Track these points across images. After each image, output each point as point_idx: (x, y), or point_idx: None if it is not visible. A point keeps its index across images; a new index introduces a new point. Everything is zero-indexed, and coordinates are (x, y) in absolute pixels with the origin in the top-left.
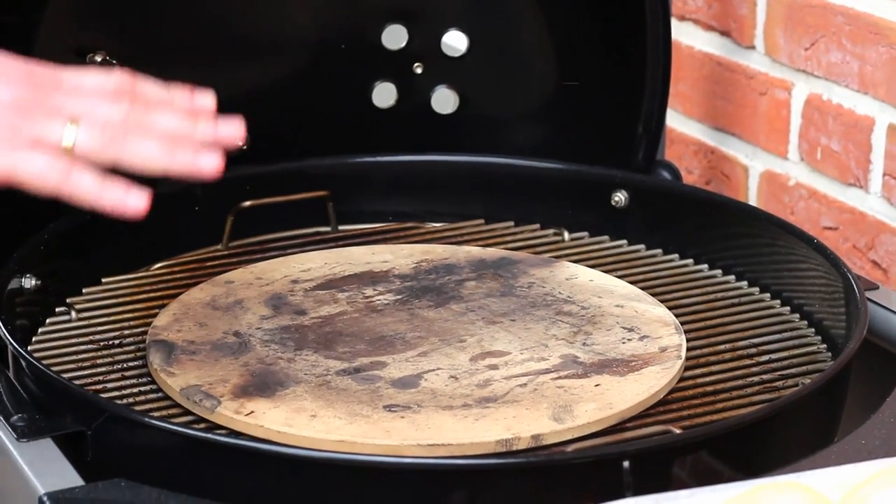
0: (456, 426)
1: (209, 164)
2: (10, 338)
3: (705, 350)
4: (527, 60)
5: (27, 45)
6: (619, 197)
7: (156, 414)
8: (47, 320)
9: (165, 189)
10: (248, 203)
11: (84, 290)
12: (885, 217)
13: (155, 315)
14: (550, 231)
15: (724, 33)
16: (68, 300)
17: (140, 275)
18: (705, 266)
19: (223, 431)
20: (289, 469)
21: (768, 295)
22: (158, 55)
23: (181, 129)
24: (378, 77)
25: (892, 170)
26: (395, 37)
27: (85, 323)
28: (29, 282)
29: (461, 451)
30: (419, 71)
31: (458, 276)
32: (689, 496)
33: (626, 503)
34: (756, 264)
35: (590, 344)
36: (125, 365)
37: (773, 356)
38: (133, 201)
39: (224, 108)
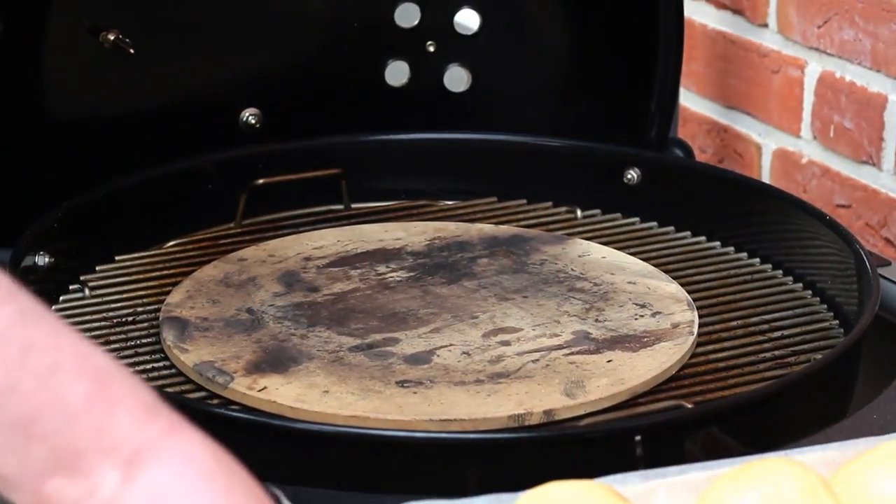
0: (468, 402)
1: None
2: None
3: (717, 326)
4: (539, 38)
5: (39, 22)
6: (632, 174)
7: (169, 390)
8: (61, 298)
9: None
10: (261, 181)
11: (97, 268)
12: None
13: (168, 292)
14: (563, 208)
15: (737, 11)
16: (82, 278)
17: (153, 252)
18: (718, 243)
19: (236, 407)
20: (302, 444)
21: (780, 271)
22: (171, 34)
23: None
24: (391, 55)
25: None
26: (407, 15)
27: (98, 300)
28: (42, 259)
29: (473, 427)
30: (432, 49)
31: (470, 254)
32: (679, 472)
33: (613, 479)
34: (768, 241)
35: (602, 320)
36: (139, 342)
37: (785, 332)
38: None
39: (236, 86)
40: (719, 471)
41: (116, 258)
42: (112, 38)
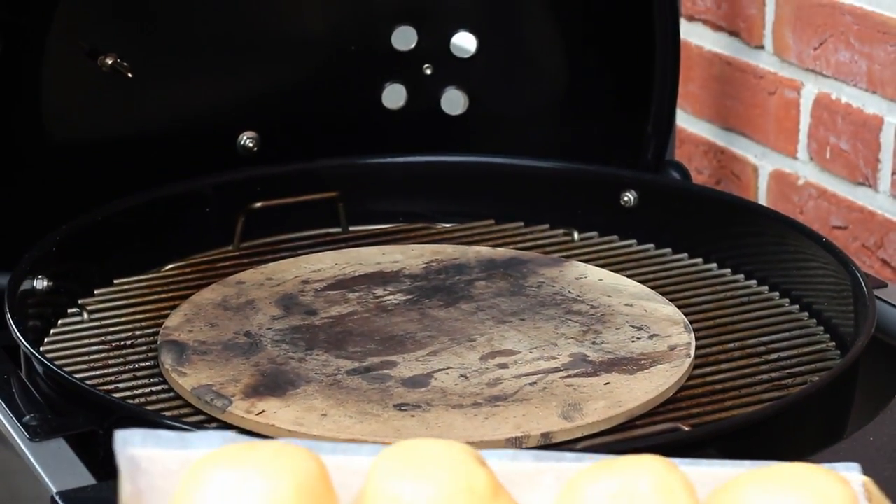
0: (466, 425)
1: None
2: (22, 338)
3: (714, 348)
4: (536, 61)
5: (37, 46)
6: (629, 197)
7: (167, 413)
8: (59, 321)
9: None
10: (258, 204)
11: (96, 292)
12: (894, 216)
13: (166, 316)
14: (560, 231)
15: (733, 33)
16: (80, 301)
17: (151, 276)
18: (714, 265)
19: (235, 431)
20: None
21: (777, 293)
22: (169, 57)
23: None
24: (388, 78)
25: None
26: (404, 38)
27: (97, 324)
28: (41, 283)
29: None
30: (429, 72)
31: (468, 276)
32: (575, 459)
33: (504, 454)
34: (765, 263)
35: (599, 343)
36: (137, 365)
37: (782, 354)
38: None
39: (234, 109)
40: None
41: (115, 281)
42: (110, 61)
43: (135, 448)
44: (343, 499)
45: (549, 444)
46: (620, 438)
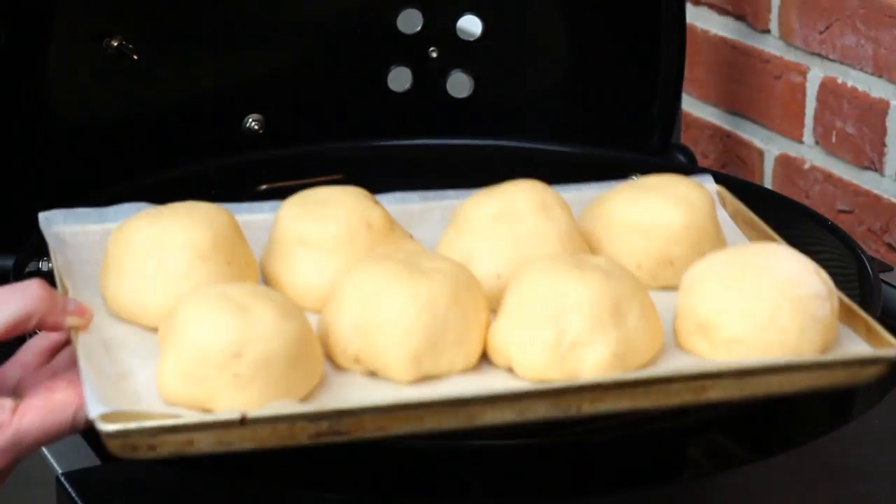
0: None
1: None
2: None
3: None
4: (541, 44)
5: (43, 29)
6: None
7: None
8: None
9: None
10: (264, 186)
11: None
12: None
13: None
14: None
15: (739, 17)
16: None
17: None
18: None
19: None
20: (306, 448)
21: None
22: (175, 40)
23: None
24: (393, 61)
25: None
26: (410, 21)
27: None
28: (46, 265)
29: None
30: (434, 55)
31: None
32: (455, 196)
33: (394, 197)
34: None
35: None
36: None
37: None
38: None
39: (240, 92)
40: None
41: None
42: (115, 44)
43: (58, 226)
44: (254, 251)
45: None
46: (627, 421)
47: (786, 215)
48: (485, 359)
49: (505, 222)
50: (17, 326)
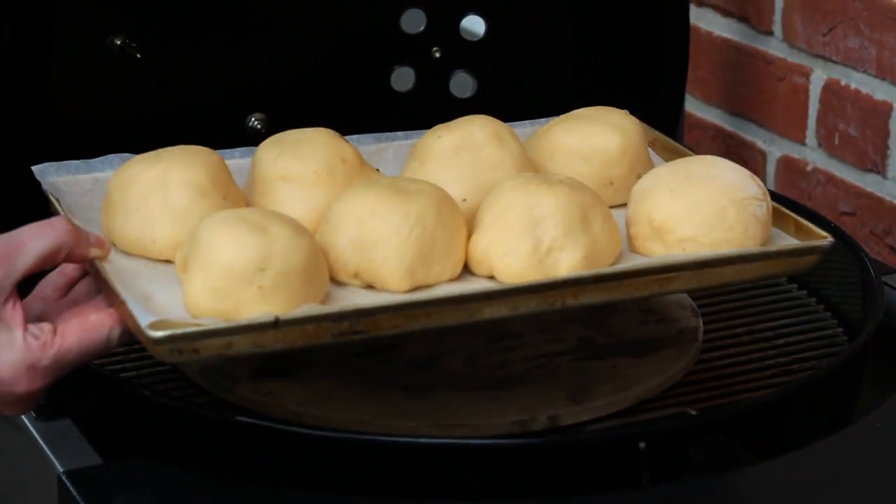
0: (472, 407)
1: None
2: None
3: (722, 333)
4: (544, 45)
5: (47, 27)
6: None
7: (175, 394)
8: None
9: None
10: None
11: None
12: None
13: None
14: None
15: (743, 19)
16: None
17: None
18: None
19: (241, 411)
20: (306, 448)
21: (785, 279)
22: (178, 38)
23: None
24: (396, 61)
25: None
26: (413, 21)
27: None
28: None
29: (477, 432)
30: (437, 55)
31: None
32: (405, 137)
33: (351, 139)
34: None
35: (607, 326)
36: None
37: (790, 339)
38: None
39: (242, 91)
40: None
41: None
42: (119, 42)
43: (52, 177)
44: None
45: (556, 428)
46: (628, 422)
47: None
48: (465, 270)
49: (465, 152)
50: (48, 259)
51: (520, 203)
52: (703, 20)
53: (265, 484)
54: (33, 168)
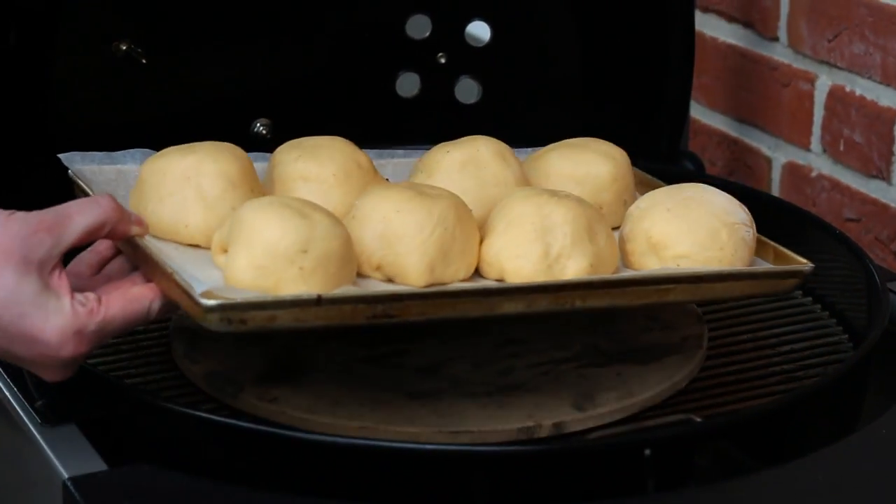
0: (478, 413)
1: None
2: None
3: (727, 340)
4: (550, 51)
5: (52, 32)
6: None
7: (180, 400)
8: None
9: None
10: None
11: None
12: None
13: None
14: None
15: (748, 25)
16: None
17: None
18: None
19: (246, 418)
20: (311, 455)
21: None
22: (183, 44)
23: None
24: (402, 67)
25: None
26: (419, 27)
27: None
28: None
29: (483, 439)
30: (443, 61)
31: None
32: (404, 155)
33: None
34: None
35: (612, 332)
36: (149, 351)
37: (795, 346)
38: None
39: (248, 96)
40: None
41: None
42: (124, 47)
43: (77, 164)
44: None
45: (561, 435)
46: (632, 429)
47: (793, 224)
48: (475, 273)
49: (471, 167)
50: (93, 233)
51: (533, 212)
52: (708, 26)
53: (270, 490)
54: (60, 155)
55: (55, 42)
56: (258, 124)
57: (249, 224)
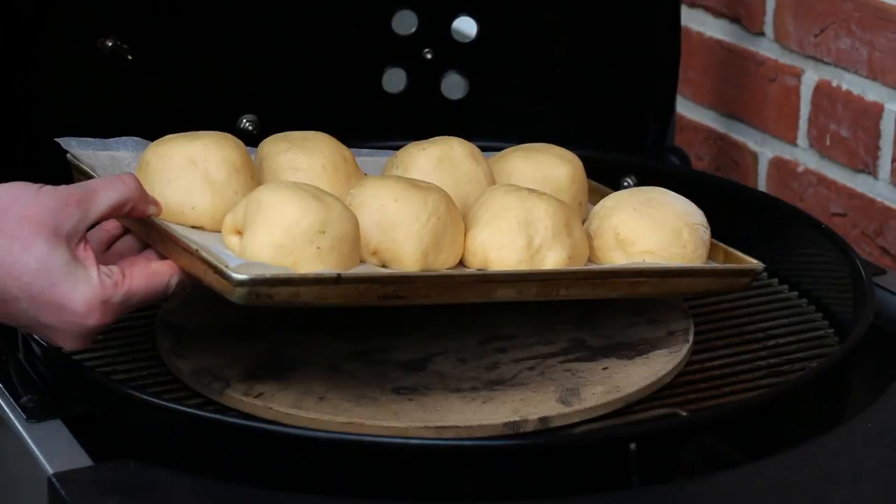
0: (464, 408)
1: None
2: None
3: (713, 334)
4: (536, 46)
5: (37, 29)
6: (629, 182)
7: (166, 396)
8: None
9: None
10: None
11: None
12: (893, 203)
13: None
14: None
15: (734, 20)
16: None
17: None
18: None
19: (232, 413)
20: (297, 450)
21: (776, 280)
22: (169, 40)
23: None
24: (388, 62)
25: None
26: (405, 22)
27: None
28: None
29: (469, 434)
30: (429, 56)
31: None
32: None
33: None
34: (764, 250)
35: (598, 328)
36: (135, 347)
37: (781, 340)
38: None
39: (234, 92)
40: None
41: None
42: (110, 44)
43: (73, 149)
44: None
45: (547, 429)
46: (618, 423)
47: (779, 218)
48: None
49: (446, 164)
50: (117, 209)
51: (516, 206)
52: (695, 21)
53: (256, 485)
54: (58, 139)
55: (41, 38)
56: (244, 120)
57: (269, 204)
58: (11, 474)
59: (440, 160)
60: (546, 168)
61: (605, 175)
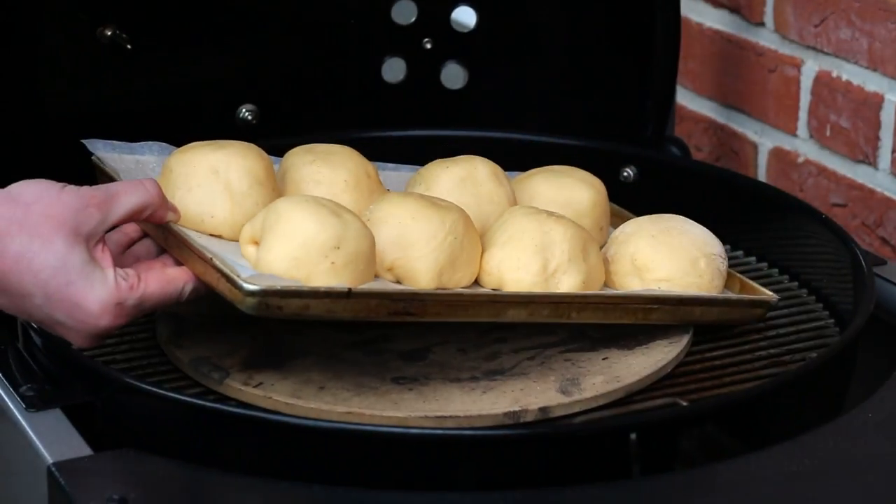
0: (464, 398)
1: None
2: None
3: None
4: (536, 36)
5: (36, 18)
6: (628, 172)
7: (166, 385)
8: None
9: None
10: None
11: None
12: (893, 194)
13: None
14: None
15: (734, 10)
16: None
17: None
18: None
19: (232, 403)
20: (297, 440)
21: (776, 270)
22: (169, 29)
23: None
24: (388, 52)
25: None
26: (404, 12)
27: None
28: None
29: (469, 424)
30: (429, 46)
31: None
32: (394, 168)
33: None
34: (764, 240)
35: None
36: (134, 337)
37: (781, 331)
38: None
39: (233, 82)
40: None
41: None
42: (109, 33)
43: (99, 151)
44: None
45: (547, 419)
46: (618, 413)
47: (779, 209)
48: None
49: (469, 184)
50: (137, 213)
51: (534, 228)
52: (695, 11)
53: (255, 475)
54: (84, 141)
55: (40, 27)
56: (244, 110)
57: (287, 218)
58: (11, 463)
59: (463, 179)
60: (569, 191)
61: (604, 165)
